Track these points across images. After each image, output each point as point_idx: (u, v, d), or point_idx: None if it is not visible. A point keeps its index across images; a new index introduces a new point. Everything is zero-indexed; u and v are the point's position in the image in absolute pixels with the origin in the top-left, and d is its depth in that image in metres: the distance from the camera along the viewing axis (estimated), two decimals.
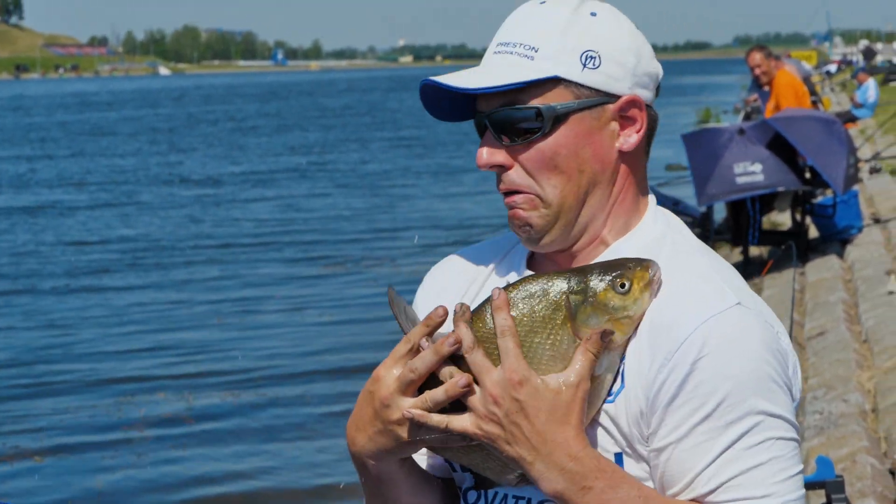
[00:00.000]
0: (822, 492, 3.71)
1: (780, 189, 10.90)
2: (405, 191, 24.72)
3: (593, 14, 1.77)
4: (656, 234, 1.79)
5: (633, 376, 1.69)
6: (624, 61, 1.76)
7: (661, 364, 1.66)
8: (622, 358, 1.71)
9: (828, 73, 51.89)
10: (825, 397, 6.74)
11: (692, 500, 1.67)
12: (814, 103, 16.14)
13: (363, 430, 1.76)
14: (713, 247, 10.84)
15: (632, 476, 1.68)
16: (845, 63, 62.83)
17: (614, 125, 1.77)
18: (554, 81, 1.74)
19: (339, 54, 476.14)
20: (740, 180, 10.76)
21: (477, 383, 1.67)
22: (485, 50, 1.85)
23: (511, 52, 1.76)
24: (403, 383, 1.69)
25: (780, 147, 10.81)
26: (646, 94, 1.79)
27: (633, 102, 1.77)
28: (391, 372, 1.70)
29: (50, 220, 21.42)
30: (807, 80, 20.17)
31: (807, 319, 8.88)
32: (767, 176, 10.76)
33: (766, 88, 12.69)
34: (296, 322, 12.30)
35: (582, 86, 1.74)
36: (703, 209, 11.37)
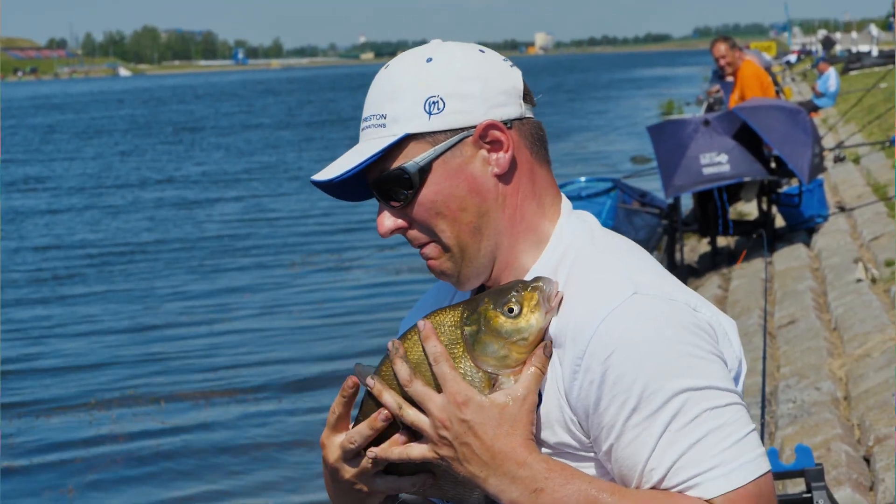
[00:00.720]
0: (802, 480, 3.73)
1: (747, 179, 10.95)
2: None
3: (429, 60, 1.81)
4: (565, 245, 1.82)
5: (550, 390, 1.73)
6: (468, 92, 1.79)
7: (573, 371, 1.70)
8: None
9: (788, 63, 52.15)
10: (797, 386, 6.77)
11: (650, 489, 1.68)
12: (776, 93, 16.21)
13: (330, 491, 1.89)
14: (681, 238, 10.67)
15: (583, 472, 1.70)
16: (805, 53, 63.10)
17: (483, 153, 1.80)
18: (408, 139, 1.78)
19: (300, 52, 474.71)
20: (707, 171, 10.80)
21: (424, 412, 1.73)
22: None
23: (369, 126, 1.82)
24: (345, 451, 1.80)
25: (746, 137, 10.85)
26: (506, 112, 1.81)
27: (490, 126, 1.79)
28: (332, 440, 1.82)
29: (10, 224, 21.21)
30: (768, 70, 20.26)
31: (776, 308, 8.93)
32: (733, 166, 10.80)
33: (730, 79, 12.74)
34: (266, 326, 12.22)
35: (435, 132, 1.77)
36: (670, 201, 11.41)
